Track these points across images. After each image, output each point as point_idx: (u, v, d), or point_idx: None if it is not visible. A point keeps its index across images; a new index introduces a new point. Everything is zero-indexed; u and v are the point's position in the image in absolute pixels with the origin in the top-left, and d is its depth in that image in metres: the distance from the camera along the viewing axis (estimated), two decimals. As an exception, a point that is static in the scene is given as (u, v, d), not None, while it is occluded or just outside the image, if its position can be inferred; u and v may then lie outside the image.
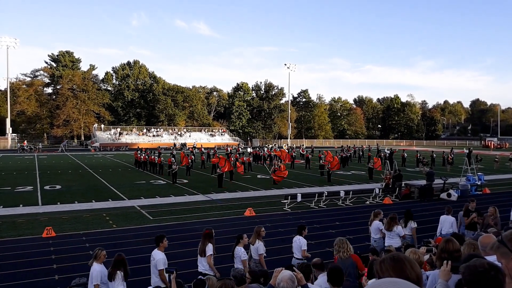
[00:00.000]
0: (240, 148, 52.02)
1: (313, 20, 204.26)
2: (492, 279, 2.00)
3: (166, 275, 6.28)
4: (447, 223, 10.38)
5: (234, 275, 5.15)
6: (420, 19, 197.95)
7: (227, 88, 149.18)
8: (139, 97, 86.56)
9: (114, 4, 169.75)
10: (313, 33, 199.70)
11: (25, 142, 62.79)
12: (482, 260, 2.17)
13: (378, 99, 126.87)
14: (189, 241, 12.42)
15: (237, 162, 28.30)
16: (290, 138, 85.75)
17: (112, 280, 6.62)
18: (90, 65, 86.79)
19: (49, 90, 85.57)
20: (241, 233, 8.14)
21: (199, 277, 6.57)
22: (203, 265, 7.78)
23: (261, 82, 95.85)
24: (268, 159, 39.04)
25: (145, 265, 10.22)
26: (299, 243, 8.50)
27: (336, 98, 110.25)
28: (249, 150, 48.04)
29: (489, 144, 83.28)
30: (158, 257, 7.19)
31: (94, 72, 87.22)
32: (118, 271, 6.63)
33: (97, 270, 6.68)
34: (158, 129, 79.45)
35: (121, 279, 6.66)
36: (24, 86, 78.65)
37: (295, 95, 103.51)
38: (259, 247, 8.05)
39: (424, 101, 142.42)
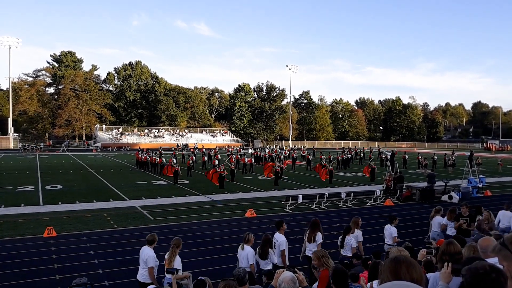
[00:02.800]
0: (241, 149, 52.02)
1: (313, 21, 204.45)
2: (493, 282, 2.00)
3: (169, 275, 6.29)
4: (506, 218, 10.87)
5: (234, 274, 5.13)
6: (420, 20, 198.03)
7: (228, 89, 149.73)
8: (141, 97, 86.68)
9: (114, 4, 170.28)
10: (314, 34, 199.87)
11: (50, 142, 63.09)
12: (483, 263, 2.17)
13: (380, 100, 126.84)
14: (190, 241, 12.42)
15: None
16: (292, 140, 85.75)
17: (265, 258, 7.44)
18: (92, 65, 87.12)
19: (51, 90, 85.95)
20: (348, 225, 8.97)
21: (200, 278, 6.58)
22: (311, 250, 8.33)
23: (262, 83, 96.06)
24: (269, 160, 39.06)
25: (146, 265, 10.25)
26: (390, 231, 9.79)
27: (338, 100, 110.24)
28: (250, 151, 48.03)
29: (491, 147, 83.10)
30: (281, 239, 8.04)
31: (96, 72, 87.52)
32: (269, 249, 7.44)
33: (252, 251, 7.38)
34: (160, 130, 79.58)
35: (274, 255, 7.55)
36: (26, 86, 78.89)
37: (297, 97, 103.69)
38: (358, 235, 8.99)
39: (426, 103, 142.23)
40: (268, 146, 65.78)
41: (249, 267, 7.25)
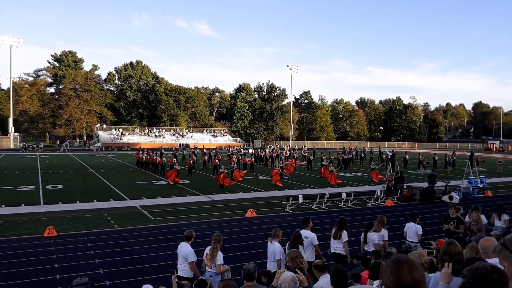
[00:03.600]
0: (241, 149, 52.06)
1: (314, 21, 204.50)
2: (494, 282, 2.00)
3: (171, 276, 6.33)
4: None
5: (244, 268, 5.12)
6: (421, 21, 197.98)
7: (229, 89, 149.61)
8: (142, 97, 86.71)
9: (115, 4, 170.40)
10: (315, 34, 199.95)
11: (57, 142, 63.60)
12: (485, 263, 2.17)
13: (380, 101, 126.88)
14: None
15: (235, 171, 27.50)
16: (292, 140, 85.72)
17: None
18: (93, 65, 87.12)
19: (51, 89, 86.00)
20: (371, 221, 9.28)
21: (200, 277, 6.58)
22: (336, 246, 8.88)
23: (263, 83, 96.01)
24: (270, 160, 39.06)
25: (148, 265, 10.25)
26: (415, 228, 9.87)
27: (338, 100, 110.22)
28: (250, 151, 48.03)
29: (492, 147, 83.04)
30: (311, 235, 8.37)
31: (96, 72, 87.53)
32: (300, 246, 7.66)
33: (279, 247, 7.65)
34: (160, 130, 79.58)
35: (303, 252, 7.60)
36: (27, 85, 78.89)
37: (297, 97, 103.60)
38: (384, 234, 9.20)
39: (426, 103, 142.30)
40: (268, 146, 65.78)
41: (275, 262, 7.53)
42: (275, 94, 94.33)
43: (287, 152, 45.86)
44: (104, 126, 77.10)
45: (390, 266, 2.12)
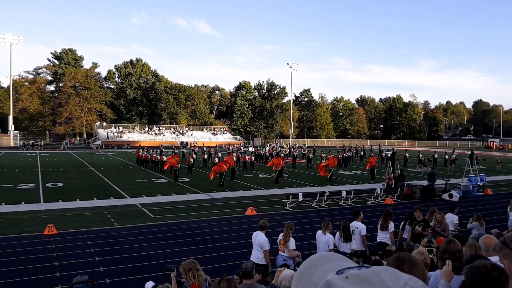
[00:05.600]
0: (241, 147, 52.04)
1: (314, 19, 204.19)
2: (495, 280, 2.00)
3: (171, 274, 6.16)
4: None
5: (242, 267, 5.14)
6: (421, 18, 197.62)
7: (229, 87, 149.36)
8: (142, 95, 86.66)
9: (114, 2, 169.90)
10: (315, 32, 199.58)
11: (71, 139, 63.79)
12: (485, 261, 2.17)
13: (381, 99, 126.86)
14: (190, 239, 12.45)
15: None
16: (292, 138, 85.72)
17: (349, 241, 8.57)
18: (93, 63, 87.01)
19: (51, 87, 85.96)
20: (411, 212, 9.95)
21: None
22: (384, 236, 9.66)
23: (263, 81, 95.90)
24: (270, 158, 39.04)
25: (148, 263, 10.26)
26: (452, 218, 10.65)
27: (338, 98, 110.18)
28: (250, 149, 48.00)
29: (491, 145, 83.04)
30: (361, 226, 9.15)
31: (96, 70, 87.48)
32: (352, 235, 8.66)
33: (332, 238, 8.47)
34: (160, 128, 79.58)
35: (354, 240, 8.68)
36: (27, 83, 78.86)
37: (297, 95, 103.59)
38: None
39: (427, 101, 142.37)
40: (268, 144, 65.80)
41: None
42: (275, 92, 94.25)
43: (287, 150, 45.88)
44: (104, 124, 77.11)
45: (391, 264, 2.12)
